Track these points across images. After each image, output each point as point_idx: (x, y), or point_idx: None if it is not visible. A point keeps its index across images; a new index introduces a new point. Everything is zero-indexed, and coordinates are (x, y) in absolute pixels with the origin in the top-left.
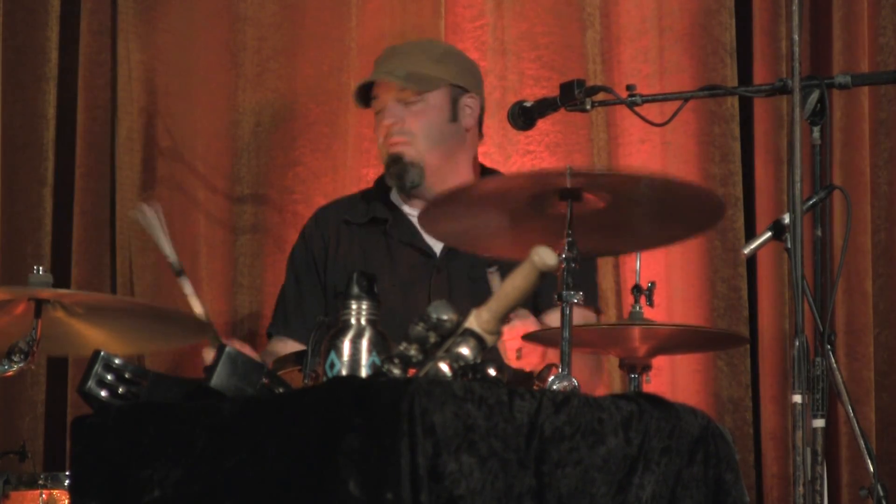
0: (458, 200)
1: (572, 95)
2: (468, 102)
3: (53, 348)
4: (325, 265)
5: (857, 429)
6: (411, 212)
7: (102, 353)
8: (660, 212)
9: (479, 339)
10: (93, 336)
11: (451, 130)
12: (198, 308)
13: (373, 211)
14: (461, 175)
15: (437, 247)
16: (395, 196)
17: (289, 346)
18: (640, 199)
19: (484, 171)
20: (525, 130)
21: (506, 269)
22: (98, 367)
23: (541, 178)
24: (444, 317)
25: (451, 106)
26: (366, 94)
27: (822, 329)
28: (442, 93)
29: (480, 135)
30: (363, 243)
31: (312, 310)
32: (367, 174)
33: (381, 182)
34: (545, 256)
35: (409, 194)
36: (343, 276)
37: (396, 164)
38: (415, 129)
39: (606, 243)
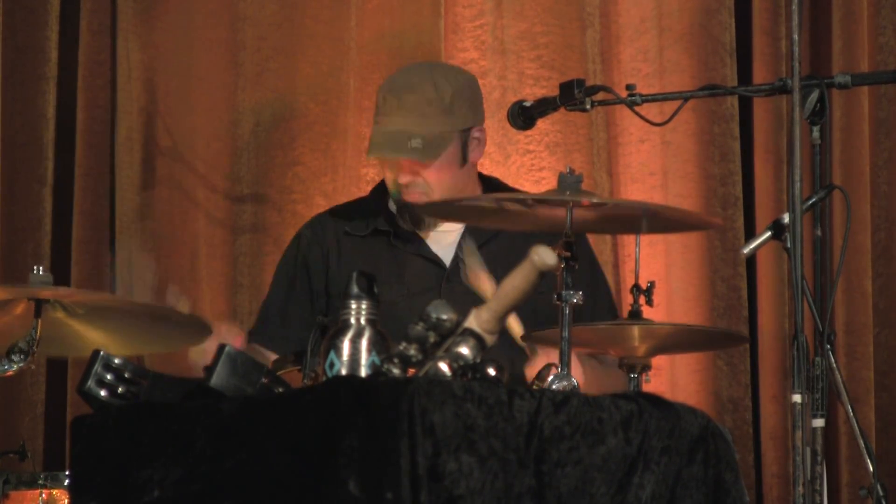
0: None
1: (572, 95)
2: (475, 136)
3: (53, 349)
4: (326, 276)
5: (856, 428)
6: (408, 227)
7: (102, 353)
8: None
9: (479, 339)
10: (92, 337)
11: (462, 174)
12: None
13: (374, 223)
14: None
15: (445, 257)
16: (394, 207)
17: (263, 355)
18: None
19: (482, 181)
20: (525, 130)
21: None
22: (98, 367)
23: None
24: (444, 316)
25: (461, 151)
26: None
27: (821, 329)
28: (454, 143)
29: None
30: (368, 254)
31: (295, 320)
32: (367, 174)
33: (377, 191)
34: (545, 256)
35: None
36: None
37: (412, 213)
38: (431, 182)
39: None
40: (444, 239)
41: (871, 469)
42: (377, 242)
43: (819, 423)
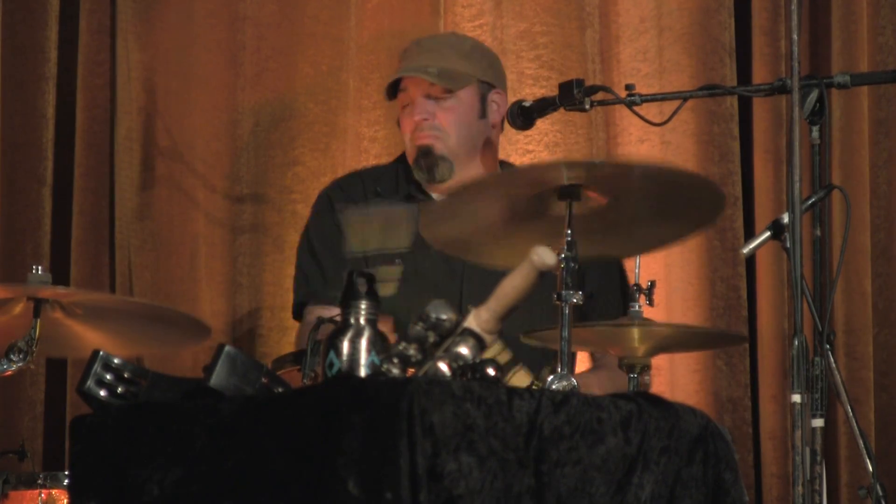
0: (460, 201)
1: (571, 95)
2: (495, 98)
3: (52, 350)
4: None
5: (856, 428)
6: (437, 197)
7: (101, 353)
8: (659, 208)
9: (478, 339)
10: (91, 338)
11: (480, 127)
12: None
13: (406, 188)
14: (486, 170)
15: None
16: (418, 174)
17: (327, 311)
18: (638, 194)
19: (503, 166)
20: (524, 130)
21: None
22: (97, 367)
23: (536, 175)
24: (443, 316)
25: (480, 102)
26: (392, 87)
27: (821, 329)
28: (472, 89)
29: (502, 128)
30: (397, 217)
31: (334, 276)
32: None
33: (399, 160)
34: (544, 256)
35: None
36: (375, 238)
37: (427, 157)
38: (445, 124)
39: (608, 245)
40: None
41: (871, 469)
42: (406, 208)
43: (818, 423)
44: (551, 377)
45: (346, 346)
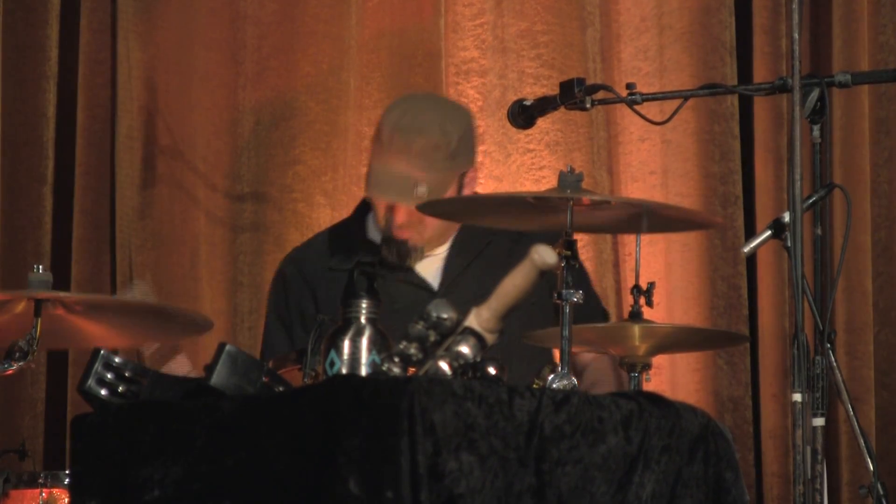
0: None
1: (572, 94)
2: (471, 176)
3: (53, 342)
4: (315, 313)
5: (856, 427)
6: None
7: (102, 352)
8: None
9: (479, 338)
10: (93, 331)
11: None
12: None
13: (356, 255)
14: (454, 229)
15: (433, 280)
16: (373, 233)
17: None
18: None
19: None
20: (525, 129)
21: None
22: (98, 366)
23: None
24: (444, 315)
25: (457, 192)
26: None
27: (821, 327)
28: (453, 186)
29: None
30: None
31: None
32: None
33: (355, 216)
34: (545, 255)
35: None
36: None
37: (400, 247)
38: (426, 222)
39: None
40: (431, 264)
41: (872, 468)
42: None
43: (819, 421)
44: (552, 376)
45: (346, 345)
